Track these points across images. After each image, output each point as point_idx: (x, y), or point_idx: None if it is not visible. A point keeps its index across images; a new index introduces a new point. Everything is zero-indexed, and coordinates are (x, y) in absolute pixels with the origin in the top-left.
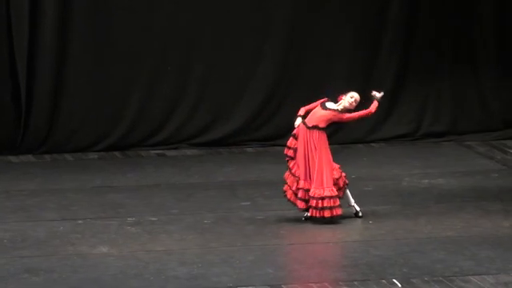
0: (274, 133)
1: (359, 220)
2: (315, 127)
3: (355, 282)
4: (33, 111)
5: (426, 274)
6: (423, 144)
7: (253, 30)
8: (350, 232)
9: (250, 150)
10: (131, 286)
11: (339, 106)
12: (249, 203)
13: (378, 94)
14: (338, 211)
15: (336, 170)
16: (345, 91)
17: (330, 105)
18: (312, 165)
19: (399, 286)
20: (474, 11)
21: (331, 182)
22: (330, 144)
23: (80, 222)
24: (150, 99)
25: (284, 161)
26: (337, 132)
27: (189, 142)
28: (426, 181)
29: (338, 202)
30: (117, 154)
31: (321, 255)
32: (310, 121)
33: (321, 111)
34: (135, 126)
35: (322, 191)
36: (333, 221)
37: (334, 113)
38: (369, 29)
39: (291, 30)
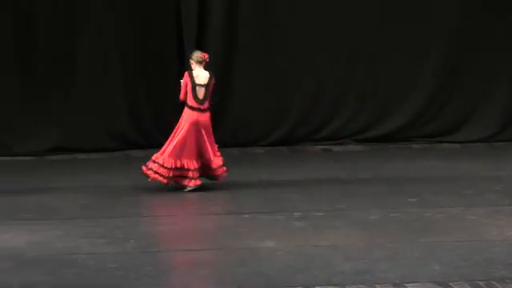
0: (440, 129)
1: None
2: None
3: None
4: None
5: None
6: None
7: (420, 29)
8: None
9: (415, 146)
10: (297, 281)
11: None
12: (415, 199)
13: None
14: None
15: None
16: None
17: None
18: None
19: None
20: None
21: None
22: (497, 141)
23: (246, 216)
24: (317, 95)
25: (450, 157)
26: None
27: (355, 137)
28: None
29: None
30: (283, 148)
31: (487, 252)
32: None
33: None
34: (302, 121)
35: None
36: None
37: None
38: None
39: (459, 29)
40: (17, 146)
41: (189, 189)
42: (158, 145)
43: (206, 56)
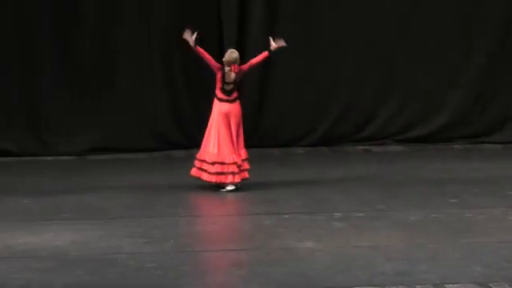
0: (482, 130)
1: None
2: None
3: None
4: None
5: None
6: None
7: (464, 28)
8: None
9: (457, 146)
10: (337, 281)
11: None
12: (456, 200)
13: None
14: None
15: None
16: None
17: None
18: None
19: None
20: None
21: None
22: None
23: (286, 216)
24: (357, 95)
25: (492, 158)
26: None
27: (395, 138)
28: None
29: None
30: (323, 148)
31: None
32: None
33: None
34: (342, 121)
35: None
36: None
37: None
38: None
39: (504, 29)
40: (60, 146)
41: (229, 188)
42: (200, 145)
43: (235, 67)
